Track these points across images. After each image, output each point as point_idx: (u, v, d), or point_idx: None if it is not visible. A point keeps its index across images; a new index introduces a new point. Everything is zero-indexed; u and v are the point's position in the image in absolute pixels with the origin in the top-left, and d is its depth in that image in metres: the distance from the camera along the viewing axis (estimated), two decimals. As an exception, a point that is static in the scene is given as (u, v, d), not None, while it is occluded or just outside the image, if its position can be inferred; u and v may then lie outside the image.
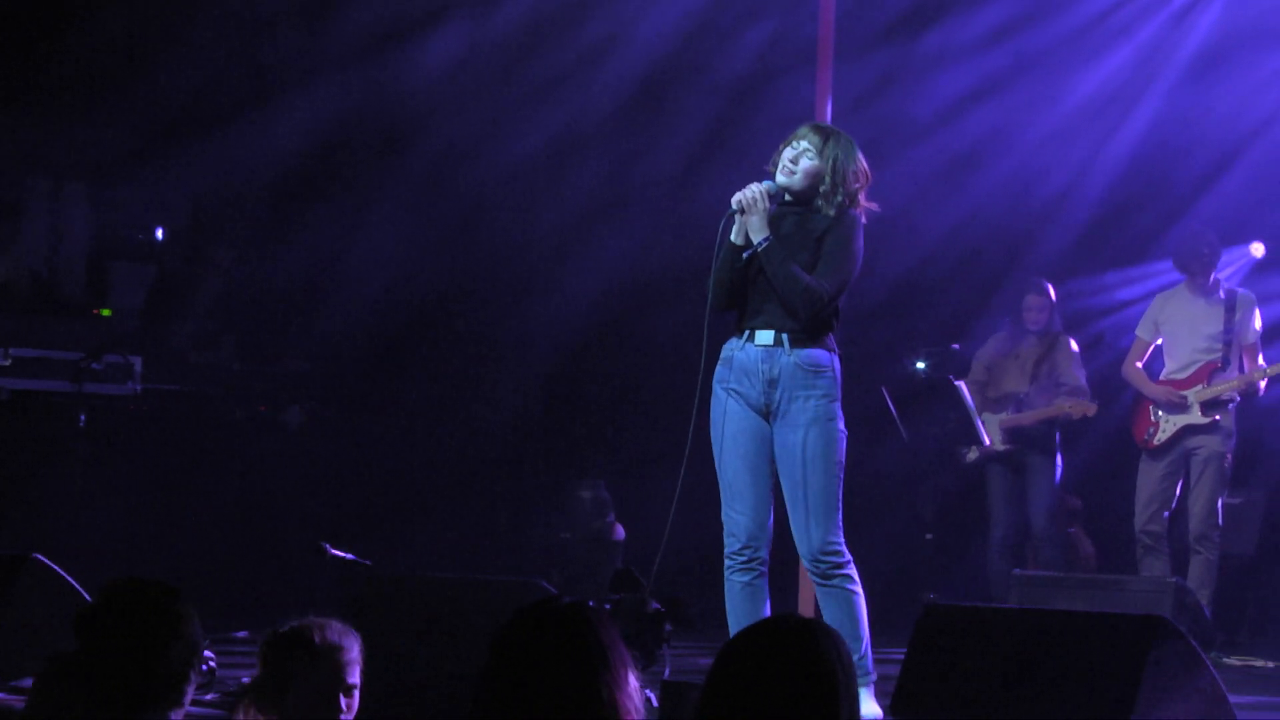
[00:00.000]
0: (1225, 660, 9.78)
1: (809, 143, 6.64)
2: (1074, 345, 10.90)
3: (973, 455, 10.96)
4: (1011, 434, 10.85)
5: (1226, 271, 11.74)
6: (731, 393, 6.63)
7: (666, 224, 12.54)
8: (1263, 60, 12.35)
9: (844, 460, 6.58)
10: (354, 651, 4.42)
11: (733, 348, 6.68)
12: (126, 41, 11.67)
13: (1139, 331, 10.64)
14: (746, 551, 6.59)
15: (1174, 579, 9.52)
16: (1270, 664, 9.97)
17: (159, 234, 12.36)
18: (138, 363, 11.23)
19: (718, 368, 6.70)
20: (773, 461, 6.61)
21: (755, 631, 3.22)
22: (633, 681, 3.36)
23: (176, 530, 10.75)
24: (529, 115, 12.33)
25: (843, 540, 6.55)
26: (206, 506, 11.11)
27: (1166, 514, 10.27)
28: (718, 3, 12.21)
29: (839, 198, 6.59)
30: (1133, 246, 12.56)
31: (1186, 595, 9.23)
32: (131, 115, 11.75)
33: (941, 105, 12.48)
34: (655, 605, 6.70)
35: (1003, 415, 10.86)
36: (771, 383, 6.54)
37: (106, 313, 12.11)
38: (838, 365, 6.61)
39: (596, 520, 11.60)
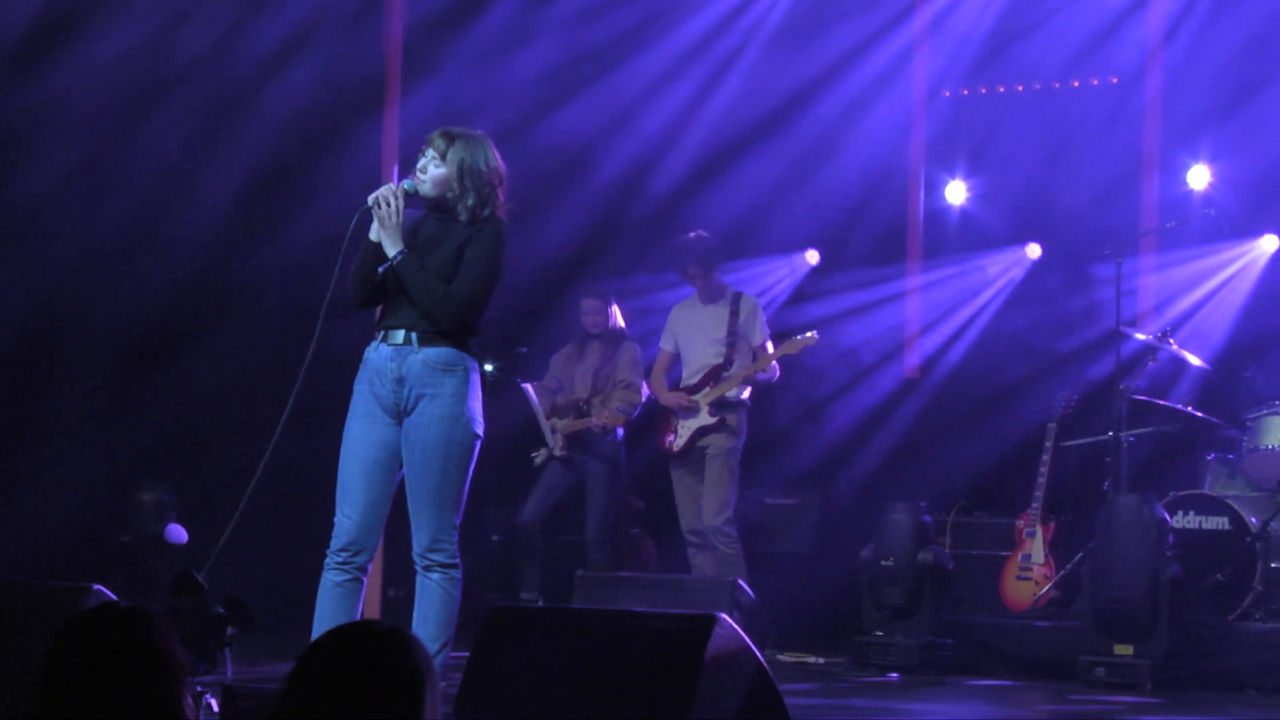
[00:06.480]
0: (779, 656, 10.09)
1: (435, 149, 6.64)
2: (636, 349, 11.06)
3: (541, 458, 11.09)
4: (570, 440, 10.99)
5: (784, 284, 12.16)
6: (365, 394, 6.65)
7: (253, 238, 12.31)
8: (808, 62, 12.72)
9: (473, 462, 6.63)
10: None
11: (369, 348, 6.69)
12: None
13: (661, 344, 10.93)
14: (344, 554, 6.61)
15: (732, 578, 9.77)
16: (821, 660, 10.32)
17: None
18: None
19: (359, 368, 6.70)
20: (396, 469, 6.63)
21: (341, 635, 3.18)
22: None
23: None
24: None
25: (455, 542, 6.61)
26: None
27: None
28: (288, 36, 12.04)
29: (470, 200, 6.60)
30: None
31: (743, 594, 9.50)
32: None
33: (505, 103, 12.48)
34: (218, 608, 6.62)
35: (566, 421, 11.00)
36: (400, 381, 6.56)
37: None
38: (473, 366, 6.63)
39: (158, 523, 11.39)
